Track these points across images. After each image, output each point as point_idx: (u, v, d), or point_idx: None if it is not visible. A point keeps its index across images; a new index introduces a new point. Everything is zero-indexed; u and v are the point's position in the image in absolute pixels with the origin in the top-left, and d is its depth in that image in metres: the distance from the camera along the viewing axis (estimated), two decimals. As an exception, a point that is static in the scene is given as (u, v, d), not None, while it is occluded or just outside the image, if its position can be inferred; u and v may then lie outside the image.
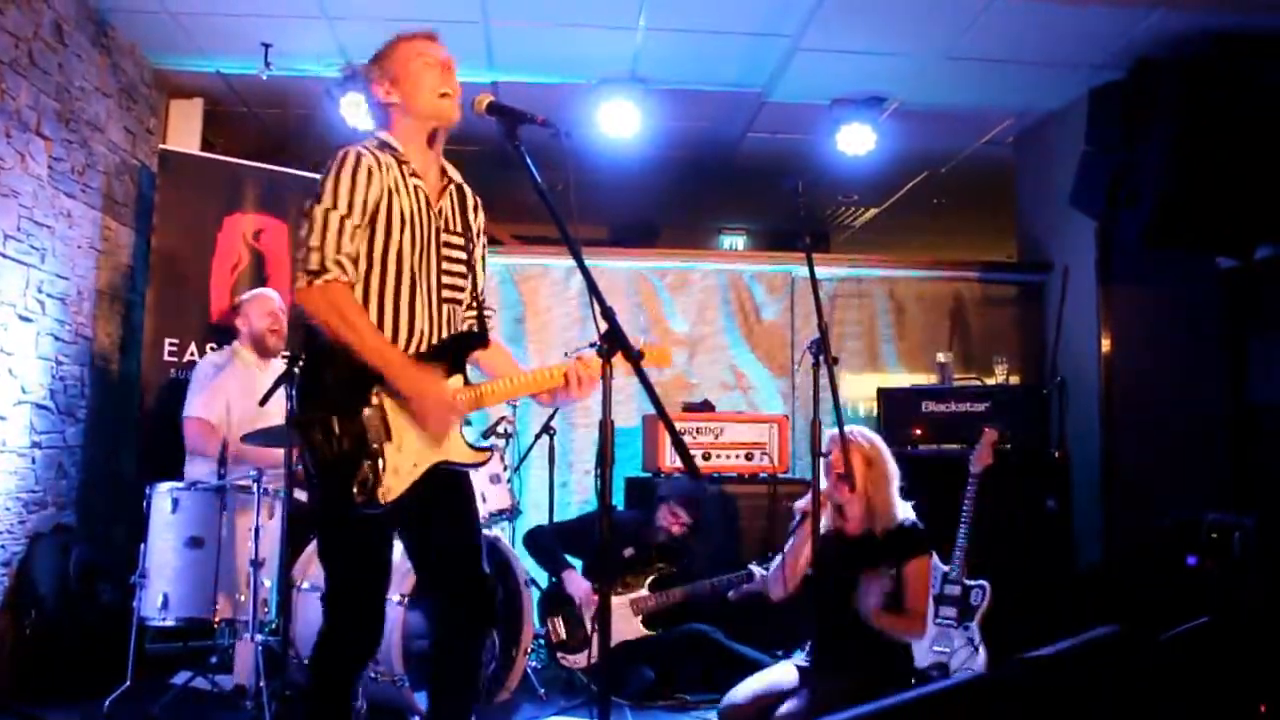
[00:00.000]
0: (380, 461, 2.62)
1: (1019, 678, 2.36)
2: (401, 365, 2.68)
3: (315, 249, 2.63)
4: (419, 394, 2.68)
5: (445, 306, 2.84)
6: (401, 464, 2.68)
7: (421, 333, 2.77)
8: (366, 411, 2.65)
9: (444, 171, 2.87)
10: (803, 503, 3.59)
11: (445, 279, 2.84)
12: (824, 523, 3.65)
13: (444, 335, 2.80)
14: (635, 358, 2.33)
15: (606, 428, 2.41)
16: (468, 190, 2.90)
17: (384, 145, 2.78)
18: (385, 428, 2.66)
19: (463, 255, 2.86)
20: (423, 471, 2.73)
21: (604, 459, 2.39)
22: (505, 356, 2.96)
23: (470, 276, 2.88)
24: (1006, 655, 4.07)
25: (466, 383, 2.85)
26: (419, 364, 2.72)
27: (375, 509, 2.64)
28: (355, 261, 2.69)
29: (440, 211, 2.82)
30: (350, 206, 2.66)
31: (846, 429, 3.53)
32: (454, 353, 2.81)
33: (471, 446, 2.86)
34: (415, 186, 2.76)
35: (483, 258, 2.94)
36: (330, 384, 2.63)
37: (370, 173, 2.68)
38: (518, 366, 2.92)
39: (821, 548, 3.55)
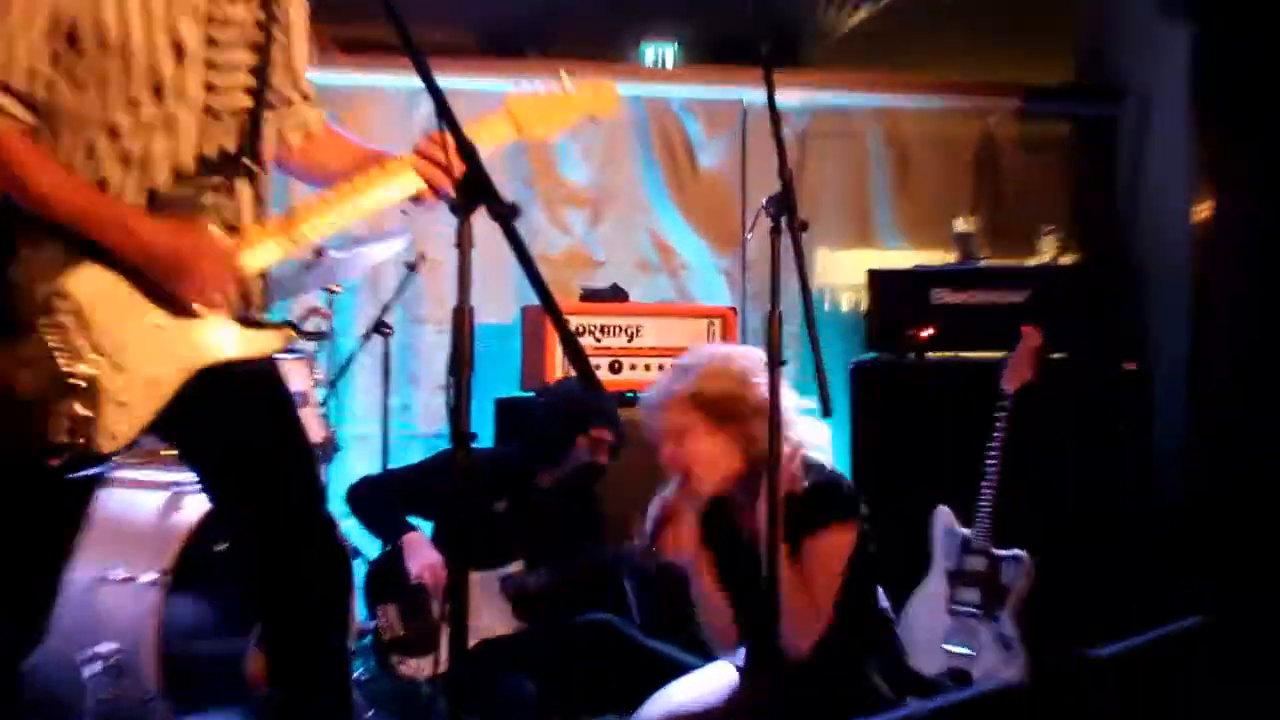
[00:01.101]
0: (83, 398, 2.63)
1: (1069, 686, 2.45)
2: (122, 219, 2.68)
3: None
4: (165, 254, 2.68)
5: (215, 123, 2.85)
6: (129, 388, 2.70)
7: (159, 170, 2.79)
8: (43, 325, 2.63)
9: None
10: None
11: (213, 78, 2.83)
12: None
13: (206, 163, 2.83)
14: (504, 212, 2.29)
15: (463, 319, 2.40)
16: None
17: None
18: (84, 342, 2.66)
19: (244, 37, 2.87)
20: (176, 389, 2.77)
21: (459, 365, 2.39)
22: (339, 151, 3.06)
23: (264, 67, 2.89)
24: (1053, 657, 4.17)
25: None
26: (154, 215, 2.75)
27: (89, 465, 2.70)
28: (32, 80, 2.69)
29: None
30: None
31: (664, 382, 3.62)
32: (219, 184, 2.83)
33: (258, 325, 2.86)
34: None
35: (297, 40, 2.99)
36: None
37: None
38: (365, 162, 2.96)
39: (707, 523, 3.62)
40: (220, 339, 2.81)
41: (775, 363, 3.27)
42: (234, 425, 2.89)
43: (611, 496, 4.92)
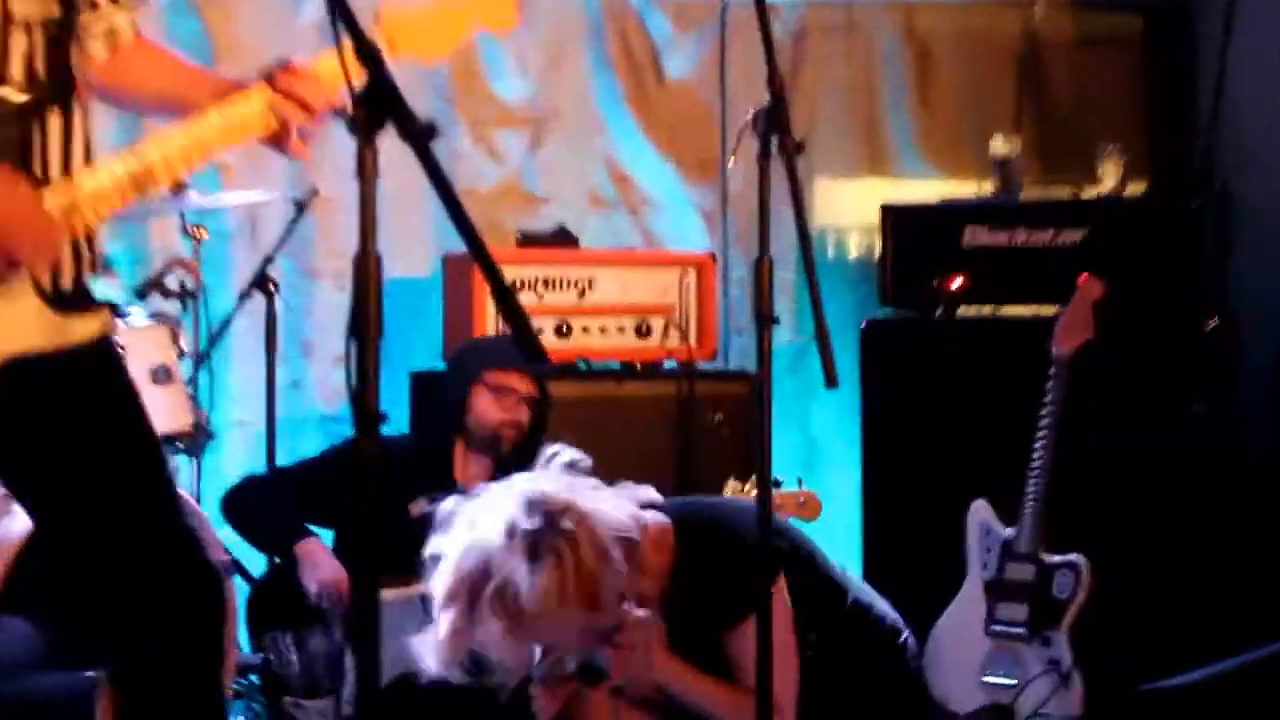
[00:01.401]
0: None
1: None
2: None
3: None
4: None
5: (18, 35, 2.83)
6: None
7: None
8: None
9: None
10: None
11: None
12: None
13: None
14: (418, 132, 2.29)
15: (367, 270, 2.37)
16: None
17: None
18: None
19: None
20: None
21: (363, 328, 2.36)
22: (155, 68, 3.05)
23: None
24: (1115, 687, 4.20)
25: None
26: None
27: None
28: None
29: None
30: None
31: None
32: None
33: (71, 304, 2.84)
34: None
35: None
36: None
37: None
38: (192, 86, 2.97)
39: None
40: (17, 326, 2.80)
41: (765, 320, 3.29)
42: (42, 434, 2.88)
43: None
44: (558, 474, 3.58)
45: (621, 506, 3.57)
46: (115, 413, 2.97)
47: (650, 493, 3.72)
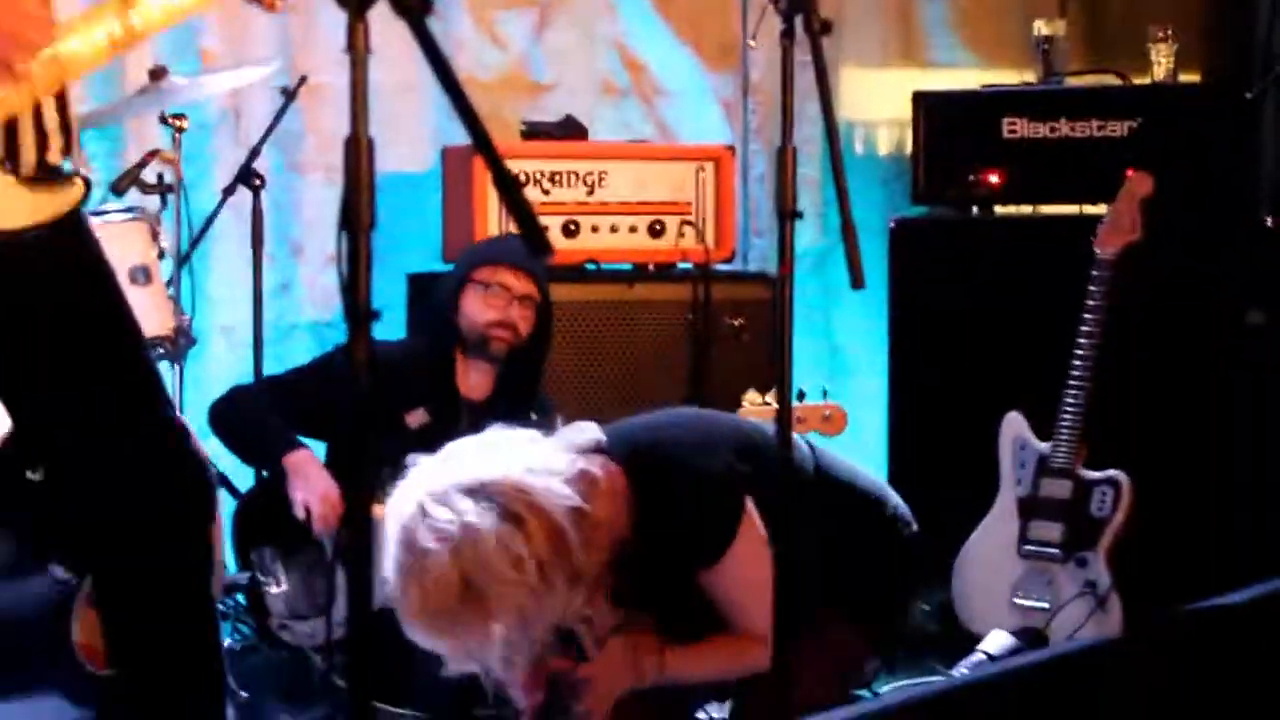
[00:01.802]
0: None
1: (1173, 646, 2.56)
2: None
3: None
4: None
5: None
6: None
7: None
8: None
9: None
10: None
11: None
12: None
13: None
14: (413, 5, 2.25)
15: (360, 154, 2.33)
16: None
17: None
18: None
19: None
20: None
21: (355, 219, 2.32)
22: None
23: None
24: (1155, 610, 4.19)
25: None
26: None
27: None
28: None
29: None
30: None
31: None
32: None
33: (37, 179, 2.86)
34: None
35: None
36: None
37: None
38: None
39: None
40: None
41: (788, 215, 3.26)
42: (7, 317, 2.92)
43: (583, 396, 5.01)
44: (476, 446, 3.43)
45: (561, 465, 3.41)
46: (86, 292, 2.99)
47: (591, 432, 3.59)
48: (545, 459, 3.36)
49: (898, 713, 2.43)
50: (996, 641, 4.58)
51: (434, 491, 3.26)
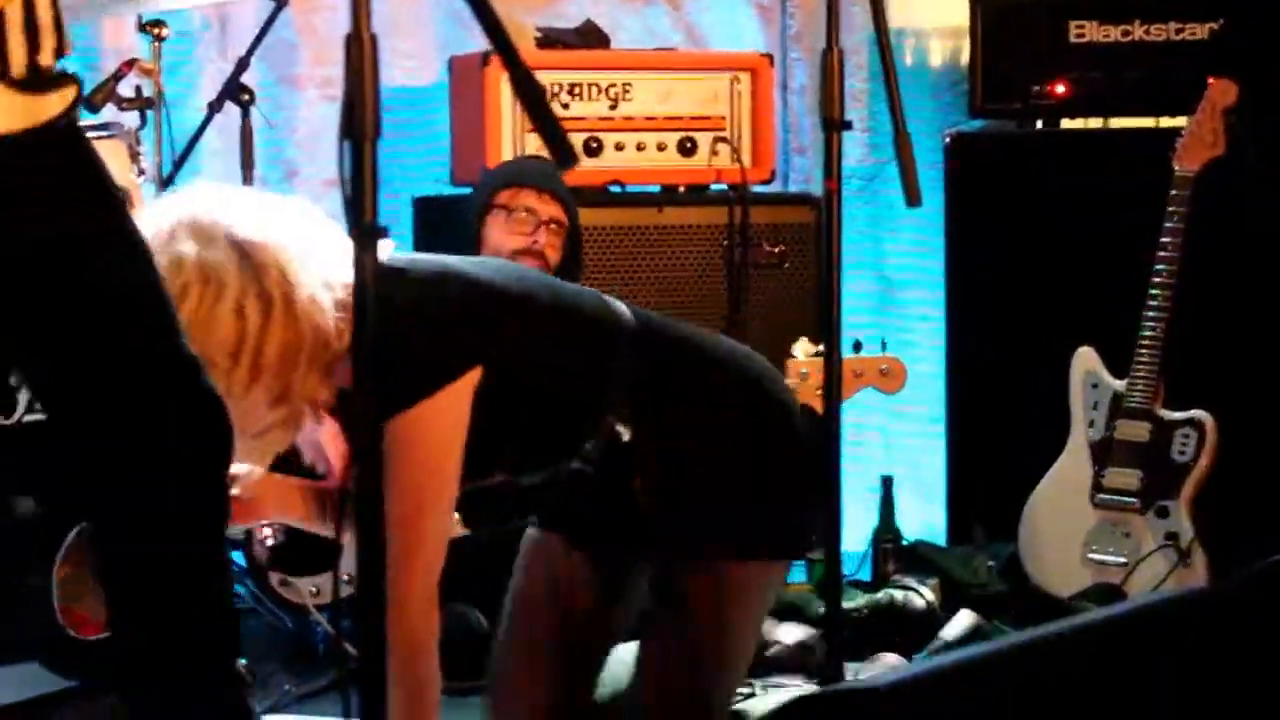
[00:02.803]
0: None
1: (1265, 600, 2.57)
2: None
3: None
4: None
5: None
6: None
7: None
8: None
9: None
10: None
11: None
12: None
13: None
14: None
15: (362, 52, 2.32)
16: None
17: None
18: None
19: None
20: None
21: (359, 125, 2.31)
22: None
23: None
24: (1243, 562, 4.16)
25: None
26: None
27: None
28: None
29: None
30: None
31: None
32: None
33: (26, 83, 2.83)
34: None
35: None
36: None
37: None
38: None
39: None
40: None
41: (835, 125, 3.25)
42: (10, 227, 2.90)
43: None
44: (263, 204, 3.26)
45: (340, 279, 3.16)
46: (88, 208, 2.97)
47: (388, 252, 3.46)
48: (332, 262, 3.14)
49: (974, 666, 2.45)
50: (957, 625, 4.62)
51: (198, 224, 3.11)
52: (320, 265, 3.15)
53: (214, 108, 5.24)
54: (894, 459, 6.02)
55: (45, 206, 2.94)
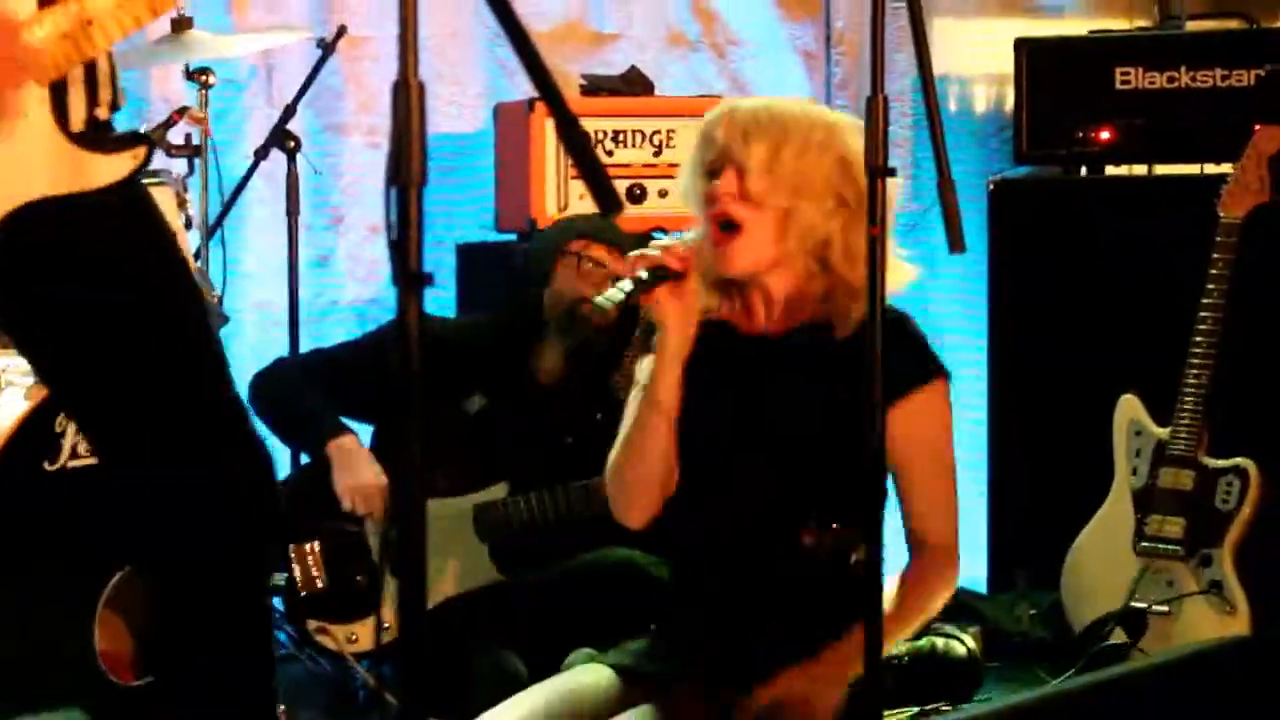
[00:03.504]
0: None
1: None
2: None
3: None
4: None
5: None
6: None
7: None
8: None
9: None
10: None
11: None
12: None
13: None
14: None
15: (409, 98, 2.28)
16: None
17: None
18: None
19: None
20: None
21: (405, 169, 2.26)
22: None
23: None
24: None
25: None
26: None
27: None
28: None
29: None
30: None
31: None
32: None
33: (92, 140, 2.89)
34: None
35: None
36: None
37: None
38: None
39: (696, 370, 3.49)
40: (29, 166, 2.85)
41: (880, 172, 3.18)
42: (56, 291, 2.95)
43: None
44: None
45: None
46: (143, 266, 3.01)
47: None
48: None
49: (1022, 713, 2.57)
50: None
51: None
52: None
53: (260, 155, 5.28)
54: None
55: (114, 266, 2.99)
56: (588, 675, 3.62)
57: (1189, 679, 2.74)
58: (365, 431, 4.80)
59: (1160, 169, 5.73)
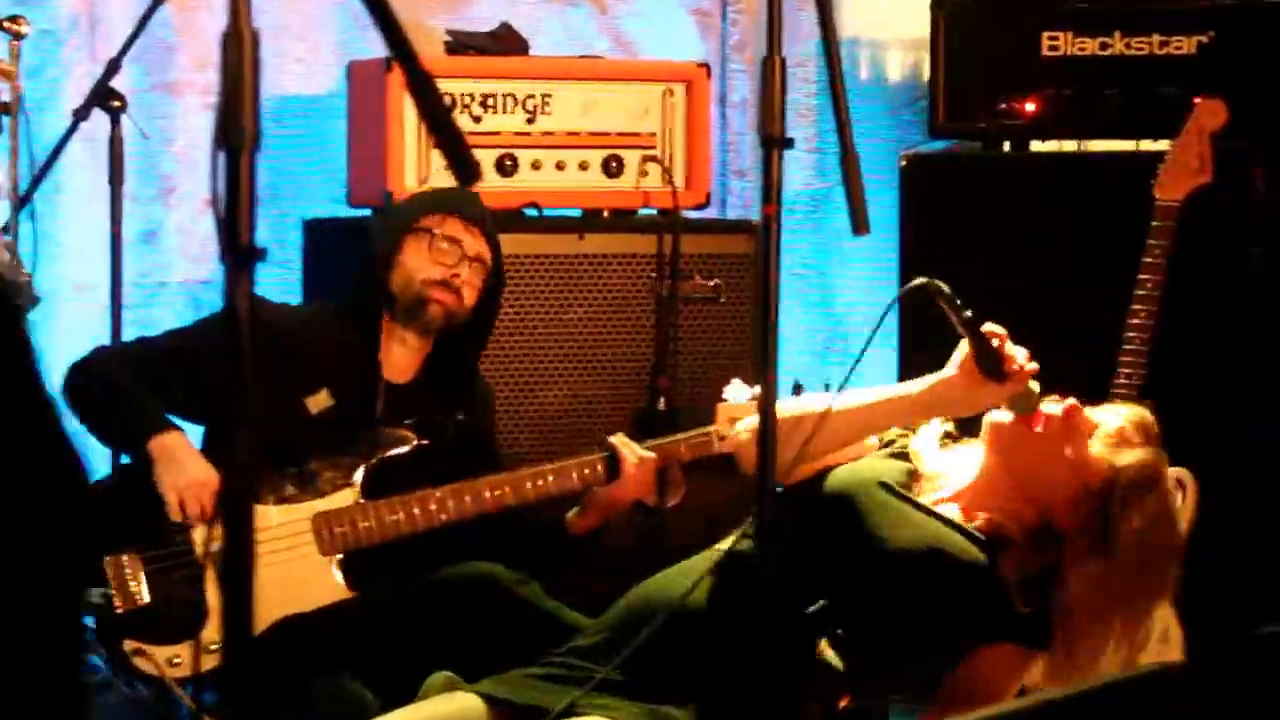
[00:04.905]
0: None
1: (1242, 672, 2.64)
2: None
3: None
4: None
5: None
6: None
7: None
8: None
9: None
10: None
11: None
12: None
13: None
14: None
15: (241, 47, 2.32)
16: None
17: None
18: None
19: None
20: None
21: (234, 130, 2.31)
22: None
23: None
24: (1221, 633, 4.25)
25: None
26: None
27: None
28: None
29: None
30: None
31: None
32: None
33: None
34: None
35: None
36: None
37: None
38: None
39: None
40: None
41: (776, 143, 3.23)
42: None
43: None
44: None
45: None
46: None
47: None
48: None
49: None
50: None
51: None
52: None
53: (80, 115, 5.19)
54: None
55: None
56: (451, 704, 3.71)
57: (1117, 709, 2.78)
58: (196, 433, 4.78)
59: (1091, 145, 5.79)
